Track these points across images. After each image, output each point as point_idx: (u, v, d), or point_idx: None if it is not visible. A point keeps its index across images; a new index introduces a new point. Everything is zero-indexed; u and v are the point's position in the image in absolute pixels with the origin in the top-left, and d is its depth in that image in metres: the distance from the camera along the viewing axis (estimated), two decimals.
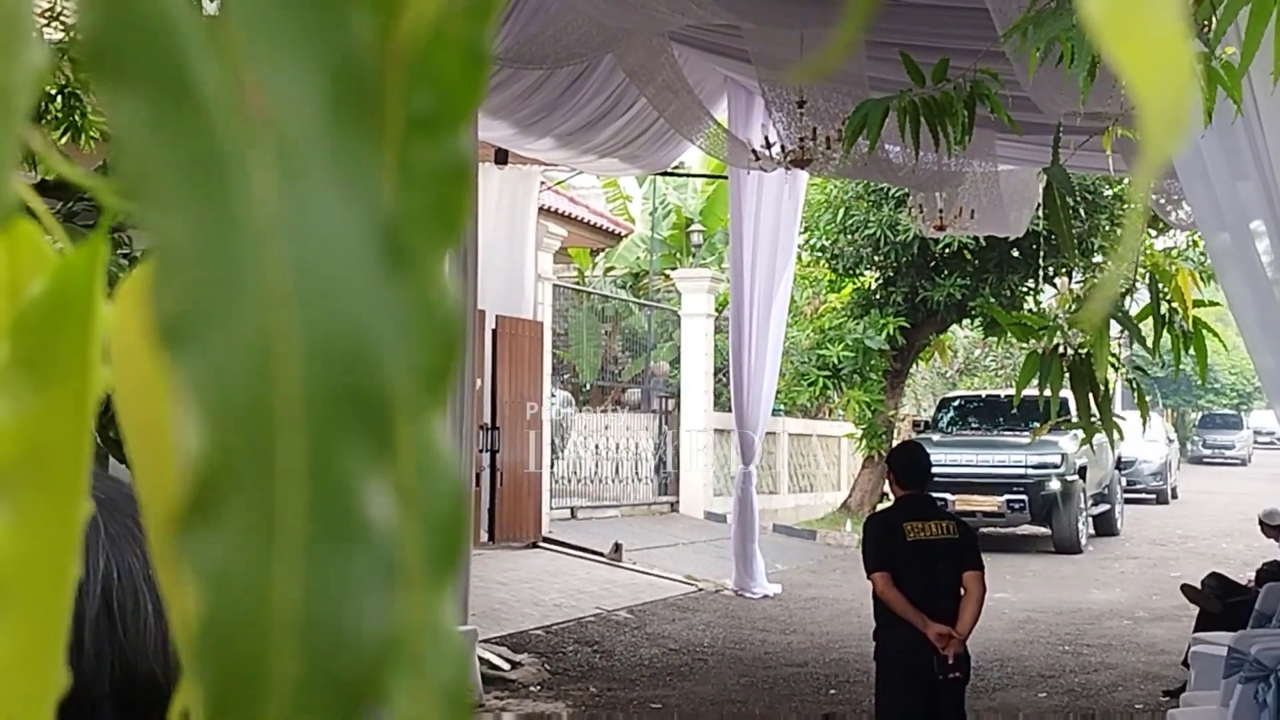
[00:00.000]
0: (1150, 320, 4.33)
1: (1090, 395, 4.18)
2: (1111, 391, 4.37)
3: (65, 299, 0.39)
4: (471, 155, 0.33)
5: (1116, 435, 4.37)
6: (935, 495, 21.42)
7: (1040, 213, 13.49)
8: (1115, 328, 4.32)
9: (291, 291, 0.27)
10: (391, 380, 0.28)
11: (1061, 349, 4.18)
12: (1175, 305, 4.33)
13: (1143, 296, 4.50)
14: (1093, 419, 4.16)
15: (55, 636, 0.40)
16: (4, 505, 0.39)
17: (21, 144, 0.35)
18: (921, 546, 6.55)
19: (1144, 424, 4.74)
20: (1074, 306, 4.46)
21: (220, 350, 0.27)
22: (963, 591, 6.63)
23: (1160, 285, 4.31)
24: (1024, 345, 4.38)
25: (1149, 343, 4.28)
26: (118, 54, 0.28)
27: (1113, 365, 4.27)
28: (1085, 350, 4.16)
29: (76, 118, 7.76)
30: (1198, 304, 4.36)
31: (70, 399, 0.39)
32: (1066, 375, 4.16)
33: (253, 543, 0.27)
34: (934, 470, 7.20)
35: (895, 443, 23.85)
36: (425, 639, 0.32)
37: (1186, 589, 10.44)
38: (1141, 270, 4.46)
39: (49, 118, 7.12)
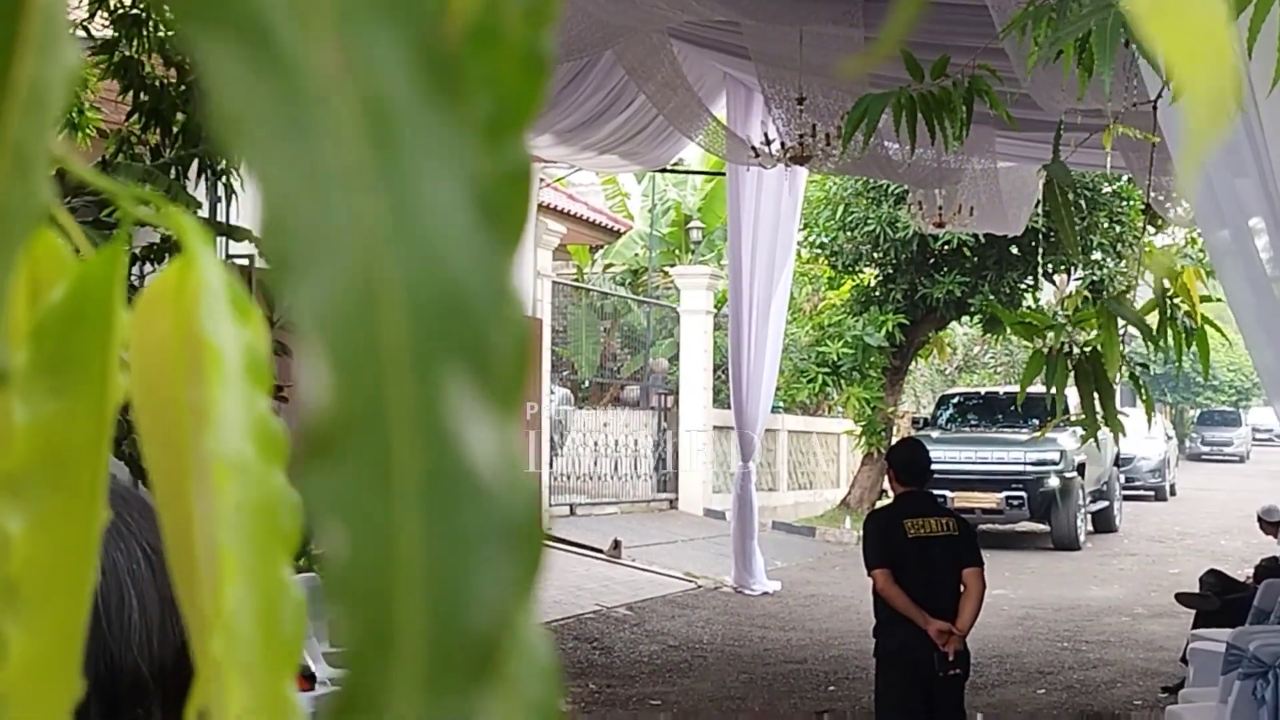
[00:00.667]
0: (1154, 316, 4.33)
1: (1095, 393, 4.18)
2: (1116, 388, 4.38)
3: (84, 305, 0.39)
4: (531, 159, 0.33)
5: (1120, 432, 4.37)
6: (935, 492, 21.43)
7: (1040, 210, 13.50)
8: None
9: (390, 237, 0.28)
10: (494, 333, 0.29)
11: (1066, 347, 4.18)
12: (1180, 301, 4.32)
13: (1144, 293, 4.50)
14: (1097, 417, 4.16)
15: (73, 639, 0.40)
16: (23, 508, 0.39)
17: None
18: (921, 543, 6.56)
19: (1149, 420, 4.75)
20: (1080, 305, 4.46)
21: (330, 289, 0.27)
22: (962, 588, 6.64)
23: (1166, 283, 4.31)
24: (1027, 344, 4.38)
25: (1155, 342, 4.28)
26: (208, 5, 0.28)
27: (1120, 363, 4.27)
28: (1091, 348, 4.16)
29: (74, 115, 7.77)
30: (1204, 299, 4.36)
31: (89, 404, 0.39)
32: (1071, 373, 4.16)
33: (374, 487, 0.27)
34: (933, 467, 7.20)
35: (895, 440, 23.88)
36: (513, 653, 0.31)
37: (1181, 596, 10.45)
38: (1136, 265, 4.46)
39: None
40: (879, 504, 23.70)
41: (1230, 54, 0.34)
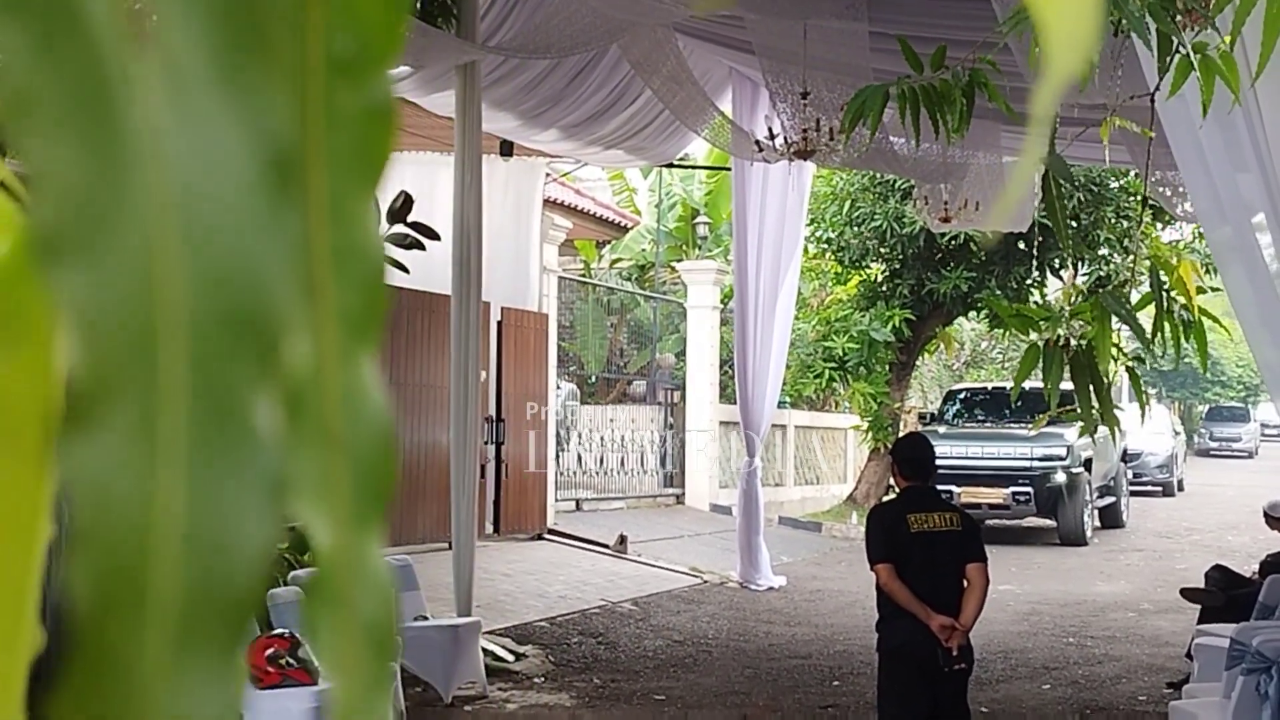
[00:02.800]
0: (1150, 309, 4.32)
1: (1091, 387, 4.16)
2: (1114, 383, 4.36)
3: (28, 265, 0.39)
4: (394, 98, 0.33)
5: (1116, 428, 4.36)
6: (941, 488, 21.45)
7: (1039, 204, 13.47)
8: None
9: (175, 211, 0.28)
10: (278, 301, 0.28)
11: (1063, 341, 4.17)
12: (1176, 295, 4.31)
13: (1145, 287, 4.48)
14: (1094, 410, 4.15)
15: (25, 594, 0.40)
16: None
17: None
18: (925, 538, 6.55)
19: (1142, 415, 4.73)
20: (1076, 299, 4.44)
21: (99, 266, 0.28)
22: (965, 583, 6.63)
23: (1161, 276, 4.29)
24: (1025, 338, 4.37)
25: (1150, 334, 4.27)
26: None
27: (1114, 357, 4.26)
28: (1087, 342, 4.15)
29: None
30: (1200, 291, 4.34)
31: (36, 363, 0.39)
32: (1067, 367, 4.15)
33: (133, 452, 0.27)
34: (940, 462, 7.18)
35: (901, 435, 23.88)
36: (351, 577, 0.33)
37: (1186, 591, 10.44)
38: (1144, 262, 4.45)
39: None
40: (884, 498, 23.74)
41: None
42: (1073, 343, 4.15)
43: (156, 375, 0.27)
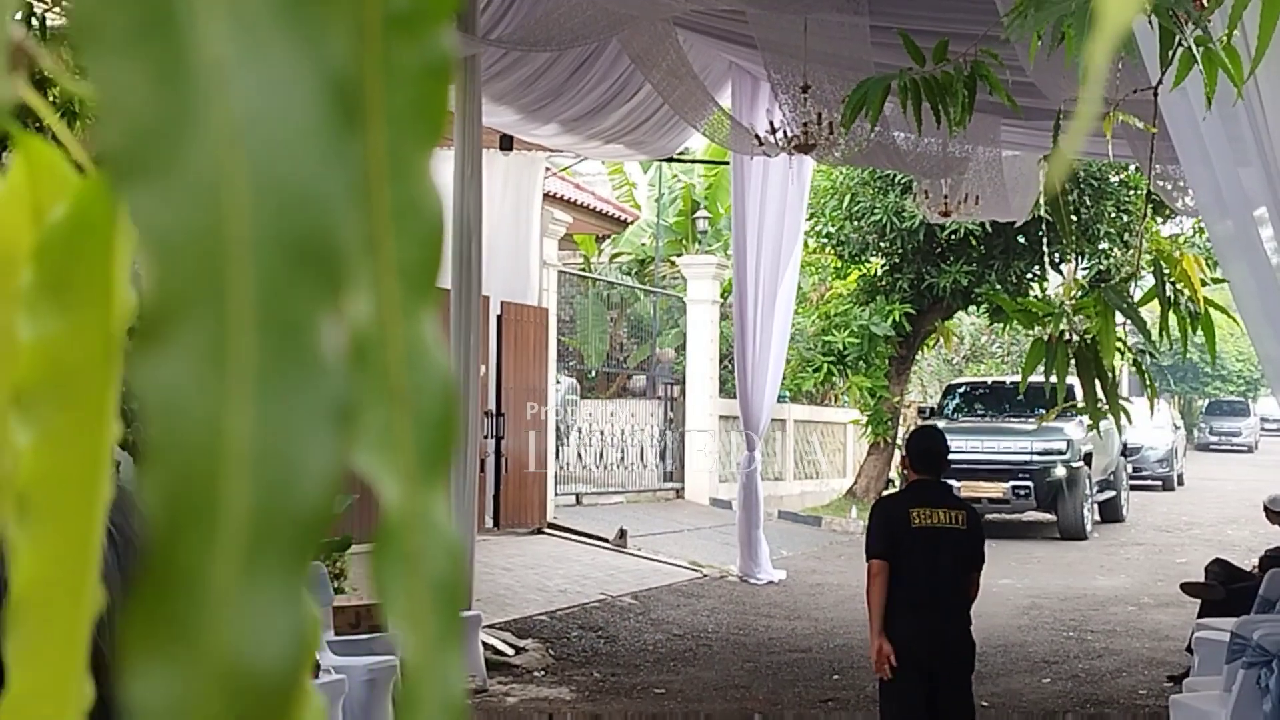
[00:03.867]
0: (1155, 304, 4.32)
1: (1096, 381, 4.16)
2: (1118, 377, 4.36)
3: (88, 221, 0.39)
4: (452, 55, 0.33)
5: (1124, 420, 4.36)
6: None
7: (1043, 199, 13.47)
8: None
9: (240, 135, 0.28)
10: (341, 230, 0.28)
11: (1067, 335, 4.17)
12: (1181, 288, 4.30)
13: (1147, 281, 4.48)
14: (1100, 405, 4.15)
15: (87, 553, 0.40)
16: (30, 425, 0.39)
17: (22, 56, 0.36)
18: (927, 534, 6.50)
19: (1152, 408, 4.74)
20: (1079, 293, 4.44)
21: (169, 187, 0.28)
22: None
23: (1165, 269, 4.29)
24: (1029, 332, 4.37)
25: (1154, 328, 4.27)
26: None
27: (1119, 351, 4.26)
28: (1091, 336, 4.15)
29: (75, 104, 7.78)
30: (1203, 283, 4.34)
31: (95, 320, 0.39)
32: (1072, 361, 4.15)
33: (204, 370, 0.28)
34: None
35: (901, 429, 23.90)
36: (418, 533, 0.33)
37: (1186, 586, 10.44)
38: (1147, 256, 4.44)
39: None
40: (885, 492, 23.76)
41: None
42: (1076, 338, 4.15)
43: (225, 296, 0.27)
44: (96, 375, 0.39)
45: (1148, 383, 4.55)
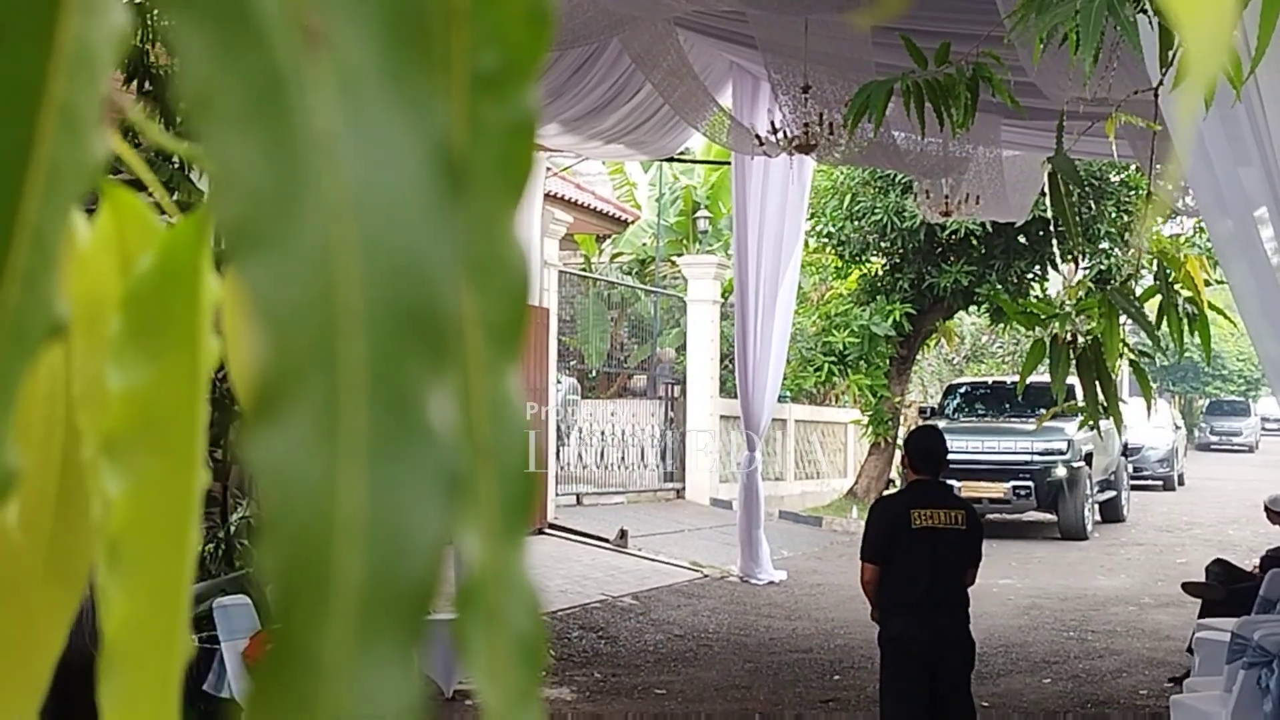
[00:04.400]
0: (1155, 302, 4.33)
1: (1096, 382, 4.17)
2: (1117, 377, 4.37)
3: (174, 270, 0.40)
4: (536, 112, 0.34)
5: (1121, 422, 4.37)
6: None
7: (1046, 199, 13.47)
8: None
9: (351, 207, 0.28)
10: (447, 301, 0.29)
11: (1069, 336, 4.17)
12: (1182, 288, 4.31)
13: (1146, 281, 4.49)
14: (1100, 406, 4.16)
15: (177, 600, 0.41)
16: (122, 472, 0.40)
17: (112, 107, 0.36)
18: (927, 534, 6.51)
19: (1149, 409, 4.75)
20: (1082, 294, 4.45)
21: (282, 258, 0.28)
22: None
23: (1168, 270, 4.30)
24: (1029, 333, 4.38)
25: (1156, 328, 4.27)
26: None
27: (1120, 352, 4.27)
28: (1093, 338, 4.16)
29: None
30: (1207, 283, 4.35)
31: (183, 368, 0.40)
32: (1073, 363, 4.16)
33: (317, 442, 0.28)
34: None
35: (902, 429, 23.89)
36: (500, 589, 0.33)
37: (1187, 586, 10.44)
38: (1149, 256, 4.45)
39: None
40: (885, 492, 23.74)
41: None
42: (1079, 339, 4.16)
43: (337, 367, 0.28)
44: (184, 422, 0.40)
45: (1144, 385, 4.55)
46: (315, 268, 0.28)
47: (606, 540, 16.67)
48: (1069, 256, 21.16)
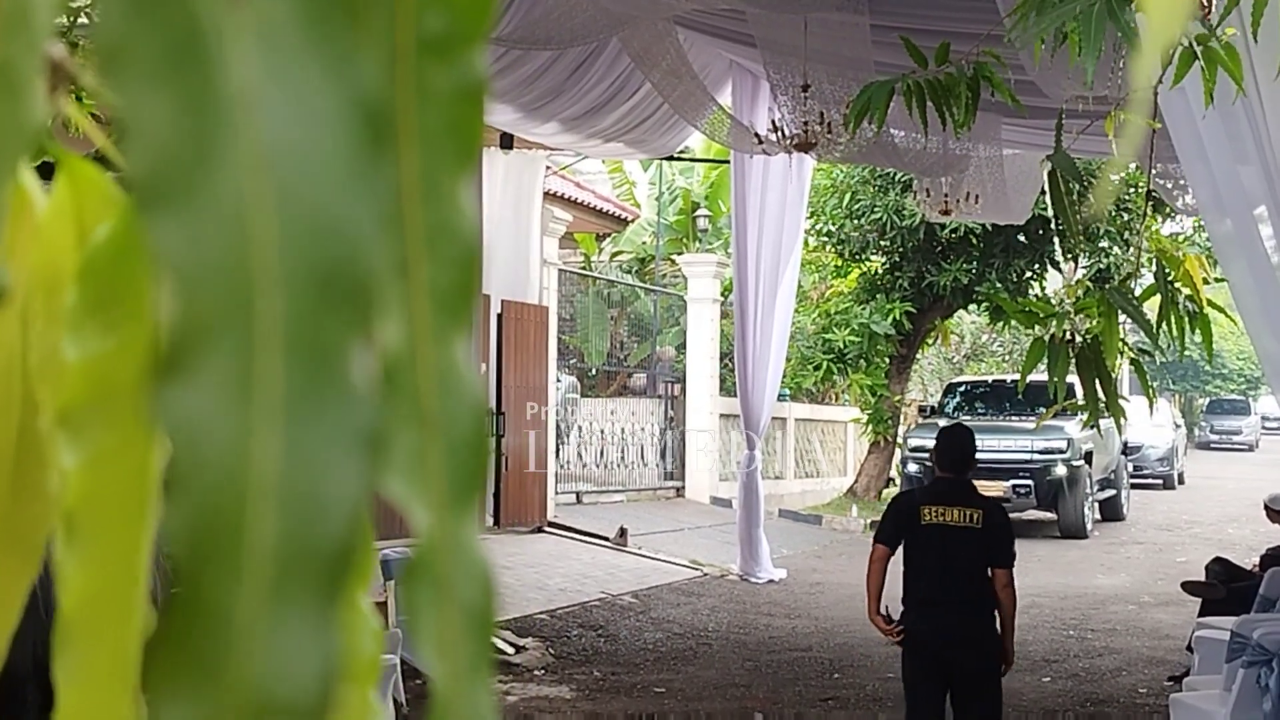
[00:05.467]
0: (1154, 301, 4.32)
1: (1096, 381, 4.17)
2: (1118, 376, 4.37)
3: (132, 240, 0.39)
4: (486, 77, 0.33)
5: (1122, 419, 4.36)
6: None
7: (1047, 198, 13.46)
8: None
9: (268, 163, 0.28)
10: (370, 258, 0.29)
11: (1068, 335, 4.17)
12: (1181, 287, 4.31)
13: (1146, 279, 4.49)
14: (1100, 404, 4.15)
15: (135, 573, 0.40)
16: (77, 445, 0.39)
17: (65, 74, 0.36)
18: (937, 531, 6.51)
19: (1151, 407, 4.75)
20: (1083, 294, 4.44)
21: (195, 217, 0.27)
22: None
23: (1166, 269, 4.30)
24: (1029, 332, 4.37)
25: (1155, 328, 4.27)
26: None
27: (1119, 351, 4.26)
28: (1092, 336, 4.15)
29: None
30: (1206, 281, 4.34)
31: (140, 340, 0.39)
32: (1073, 361, 4.15)
33: (229, 400, 0.28)
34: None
35: (902, 428, 23.91)
36: (449, 559, 0.33)
37: (1186, 585, 10.44)
38: (1148, 255, 4.45)
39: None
40: (885, 492, 23.77)
41: None
42: (1078, 338, 4.15)
43: (252, 325, 0.27)
44: (141, 394, 0.39)
45: (1145, 383, 4.56)
46: (229, 225, 0.27)
47: (606, 539, 16.67)
48: (1069, 255, 21.17)
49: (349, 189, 0.28)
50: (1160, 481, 30.97)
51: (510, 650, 10.93)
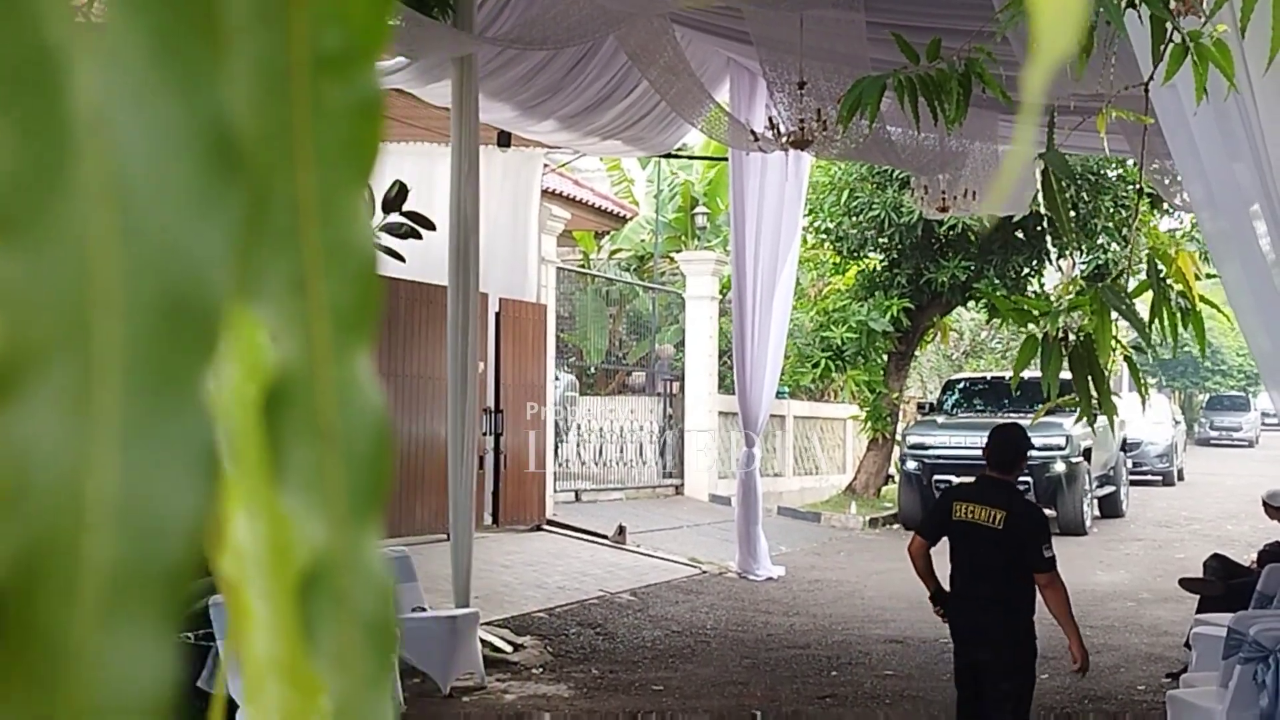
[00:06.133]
0: (1147, 298, 4.32)
1: (1089, 378, 4.17)
2: (1112, 373, 4.37)
3: None
4: (382, 93, 0.33)
5: (1117, 417, 4.37)
6: (940, 477, 21.28)
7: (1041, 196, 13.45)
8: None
9: (114, 192, 0.28)
10: (216, 283, 0.29)
11: (1061, 333, 4.17)
12: (1174, 283, 4.31)
13: (1144, 276, 4.49)
14: (1093, 402, 4.15)
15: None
16: None
17: None
18: (963, 528, 6.68)
19: (1143, 404, 4.76)
20: (1074, 290, 4.45)
21: (34, 247, 0.27)
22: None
23: (1160, 266, 4.30)
24: (1023, 329, 4.37)
25: (1148, 325, 4.27)
26: None
27: (1113, 348, 4.26)
28: (1085, 334, 4.15)
29: None
30: (1195, 278, 4.35)
31: None
32: (1066, 359, 4.15)
33: (61, 424, 0.27)
34: (939, 452, 7.30)
35: (900, 425, 23.90)
36: (348, 574, 0.33)
37: (1184, 581, 10.44)
38: (1141, 251, 4.45)
39: None
40: (884, 489, 23.78)
41: None
42: (1071, 336, 4.15)
43: (89, 351, 0.27)
44: None
45: (1138, 380, 4.56)
46: (70, 255, 0.27)
47: (605, 536, 16.67)
48: (1064, 252, 21.17)
49: (197, 215, 0.28)
50: (1159, 478, 30.98)
51: (508, 649, 10.93)
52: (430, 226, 9.23)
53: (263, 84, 0.30)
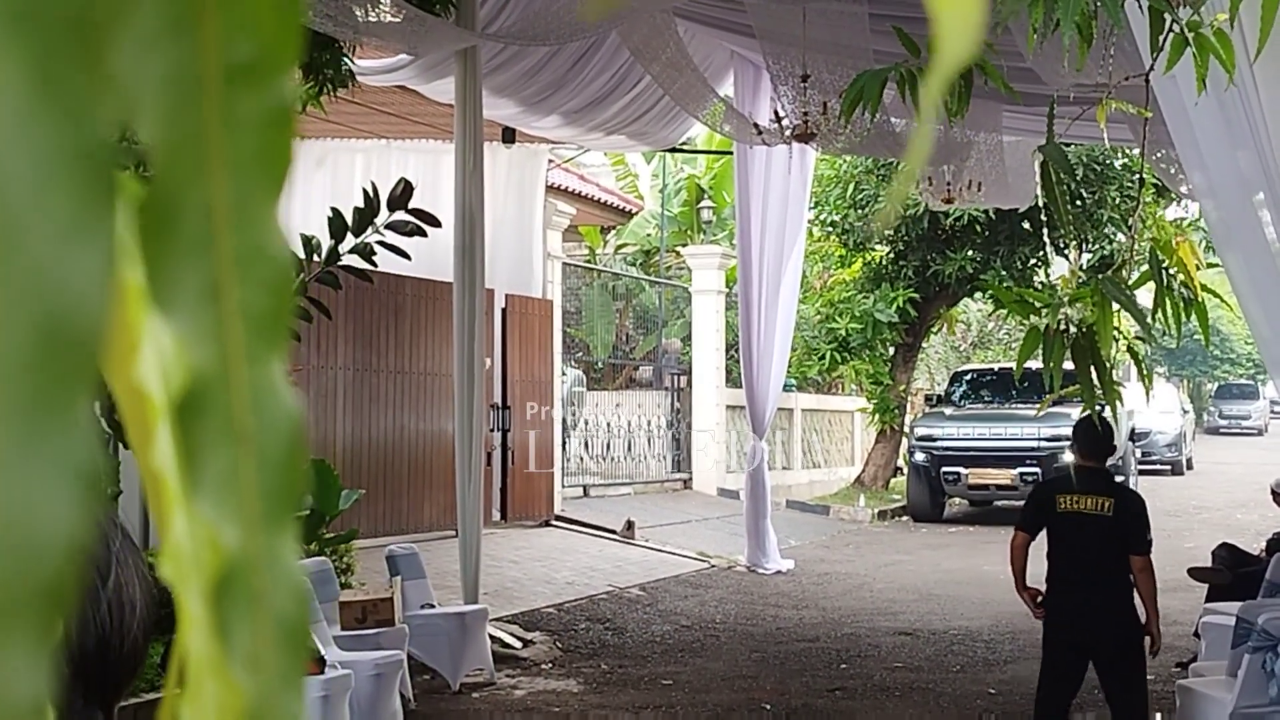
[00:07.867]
0: (1149, 288, 4.31)
1: (1092, 369, 4.16)
2: (1116, 363, 4.37)
3: None
4: (294, 102, 0.34)
5: (1121, 407, 4.36)
6: (949, 469, 21.25)
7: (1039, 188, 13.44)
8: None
9: None
10: (90, 306, 0.28)
11: (1064, 325, 4.16)
12: (1176, 273, 4.30)
13: (1145, 267, 4.48)
14: (1096, 393, 4.15)
15: None
16: None
17: None
18: (1072, 519, 6.76)
19: (1147, 395, 4.76)
20: (1077, 282, 4.44)
21: None
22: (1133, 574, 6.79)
23: (1161, 256, 4.29)
24: (1025, 321, 4.36)
25: (1151, 314, 4.26)
26: None
27: (1116, 339, 4.25)
28: (1088, 326, 4.15)
29: None
30: (1197, 268, 4.34)
31: None
32: (1068, 350, 4.15)
33: None
34: (947, 443, 7.32)
35: (909, 417, 23.90)
36: (264, 576, 0.33)
37: (1193, 571, 10.44)
38: (1144, 242, 4.44)
39: None
40: (893, 482, 23.77)
41: None
42: (1073, 328, 4.15)
43: None
44: None
45: (1143, 371, 4.55)
46: None
47: (613, 531, 16.69)
48: (1063, 245, 21.16)
49: (72, 241, 0.28)
50: (1168, 467, 30.96)
51: (517, 644, 10.95)
52: (436, 223, 9.22)
53: (175, 94, 0.30)
